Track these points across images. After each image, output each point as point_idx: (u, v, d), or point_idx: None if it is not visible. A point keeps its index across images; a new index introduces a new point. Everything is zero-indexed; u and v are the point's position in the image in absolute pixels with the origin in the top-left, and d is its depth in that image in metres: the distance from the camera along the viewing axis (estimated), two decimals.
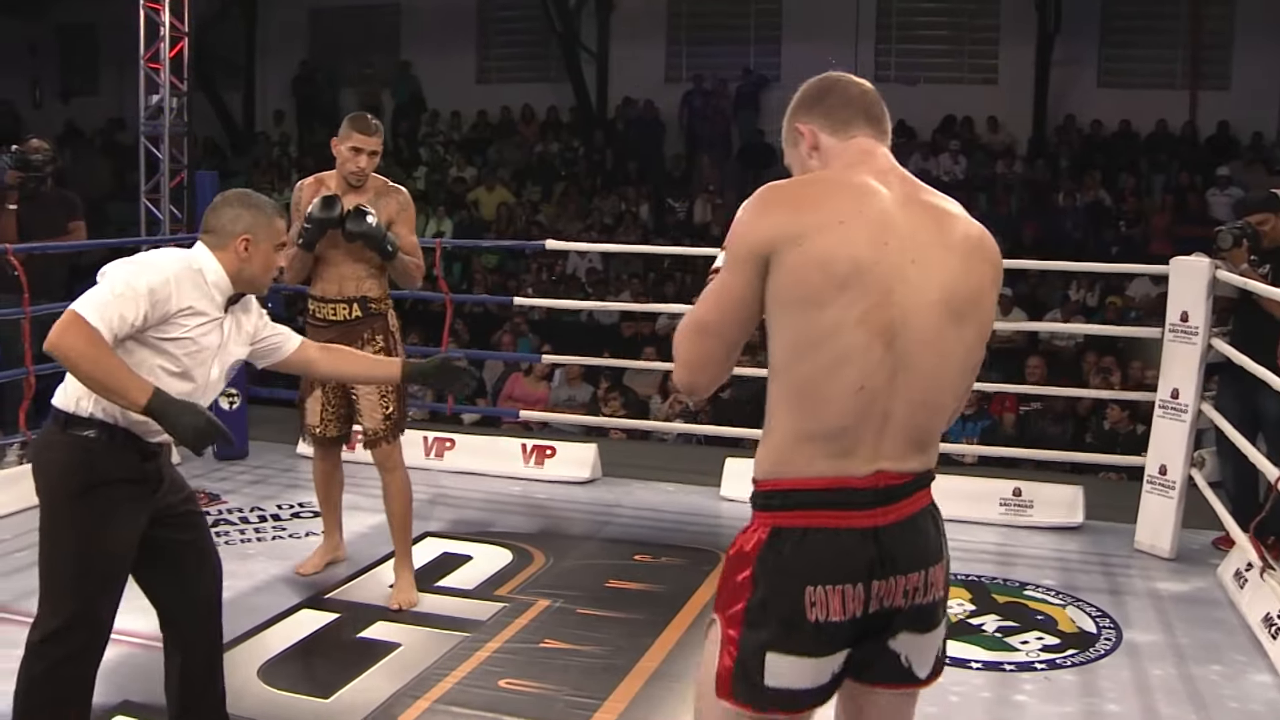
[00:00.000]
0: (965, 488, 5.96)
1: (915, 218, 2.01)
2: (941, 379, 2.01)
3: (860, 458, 1.96)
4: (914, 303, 1.95)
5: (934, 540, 2.06)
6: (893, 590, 1.98)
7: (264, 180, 15.80)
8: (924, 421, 2.01)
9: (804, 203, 1.99)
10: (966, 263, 2.03)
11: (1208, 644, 4.38)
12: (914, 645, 2.05)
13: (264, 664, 3.95)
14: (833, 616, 1.94)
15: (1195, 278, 5.31)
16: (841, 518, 1.95)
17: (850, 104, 2.14)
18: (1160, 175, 13.52)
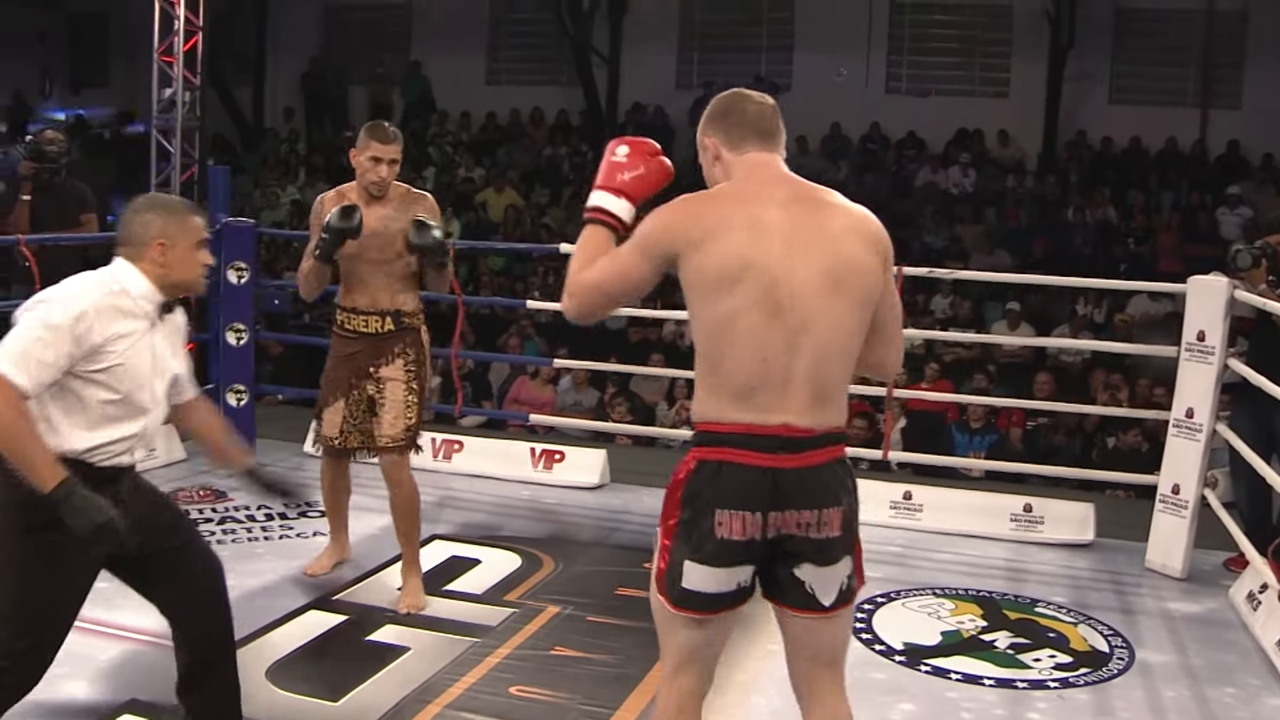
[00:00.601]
0: (976, 502, 5.96)
1: (796, 215, 2.45)
2: (832, 343, 2.43)
3: (768, 411, 2.39)
4: (799, 286, 2.39)
5: (833, 489, 2.44)
6: (786, 522, 2.40)
7: (272, 177, 15.81)
8: (822, 381, 2.42)
9: (703, 214, 2.46)
10: (842, 242, 2.45)
11: (1221, 666, 4.35)
12: (816, 576, 2.46)
13: (272, 665, 3.92)
14: (734, 536, 2.40)
15: (1213, 297, 5.28)
16: (749, 457, 2.39)
17: (745, 123, 2.58)
18: (1170, 193, 13.51)
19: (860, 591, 2.59)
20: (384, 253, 4.37)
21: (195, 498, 5.77)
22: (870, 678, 4.09)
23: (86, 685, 3.71)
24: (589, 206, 2.62)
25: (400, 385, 4.42)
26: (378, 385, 4.42)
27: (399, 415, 4.42)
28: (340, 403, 4.47)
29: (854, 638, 4.41)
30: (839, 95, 14.92)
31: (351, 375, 4.43)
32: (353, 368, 4.43)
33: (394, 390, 4.42)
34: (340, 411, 4.48)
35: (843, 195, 2.59)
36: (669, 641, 2.60)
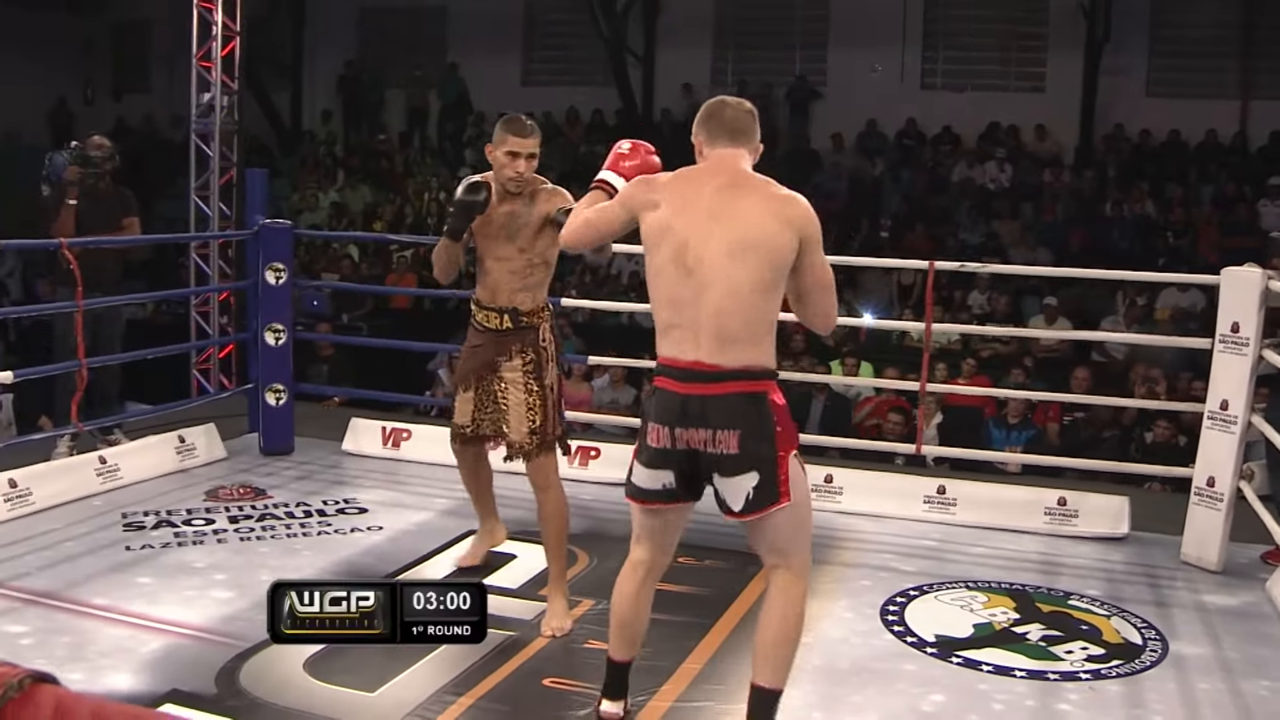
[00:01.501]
0: (1010, 496, 5.94)
1: (723, 197, 3.11)
2: (729, 297, 3.04)
3: (684, 348, 3.09)
4: (707, 249, 3.06)
5: (732, 415, 3.05)
6: (689, 437, 3.08)
7: (310, 179, 15.95)
8: (725, 327, 3.04)
9: (658, 188, 3.22)
10: (750, 218, 3.08)
11: (1257, 659, 4.32)
12: (723, 485, 3.12)
13: (310, 657, 3.96)
14: (655, 444, 3.14)
15: (1247, 288, 5.26)
16: (670, 384, 3.12)
17: (721, 125, 3.25)
18: (1209, 186, 13.38)
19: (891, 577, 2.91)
20: (509, 247, 4.29)
21: (235, 495, 5.85)
22: (901, 669, 4.10)
23: (130, 677, 3.78)
24: (596, 179, 3.58)
25: (519, 388, 4.32)
26: (501, 383, 4.36)
27: (521, 419, 4.31)
28: (470, 392, 4.44)
29: (887, 630, 4.45)
30: (874, 91, 14.90)
31: (479, 367, 4.40)
32: (480, 360, 4.40)
33: (514, 394, 4.33)
34: (470, 400, 4.45)
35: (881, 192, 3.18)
36: (633, 521, 3.42)
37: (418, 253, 13.39)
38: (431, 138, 16.93)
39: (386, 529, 5.44)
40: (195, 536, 5.21)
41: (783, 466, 3.08)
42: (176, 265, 11.64)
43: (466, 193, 4.17)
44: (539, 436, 4.32)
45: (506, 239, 4.29)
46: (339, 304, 12.49)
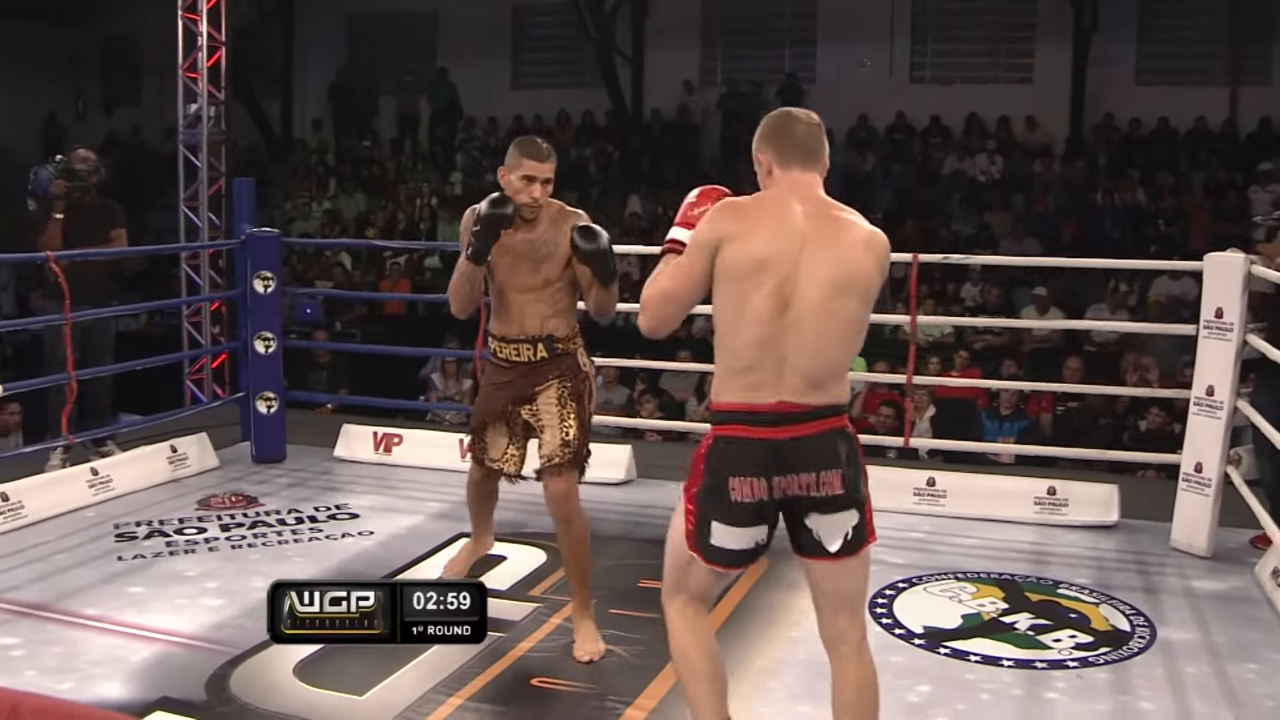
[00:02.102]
0: (1000, 486, 5.95)
1: (817, 226, 2.83)
2: (826, 335, 2.79)
3: (765, 390, 2.79)
4: (806, 284, 2.78)
5: (830, 454, 2.81)
6: (790, 484, 2.79)
7: (302, 188, 15.97)
8: (815, 366, 2.79)
9: (741, 215, 2.85)
10: (850, 253, 2.82)
11: (1244, 642, 4.34)
12: (821, 524, 2.83)
13: (300, 662, 3.98)
14: (745, 498, 2.80)
15: (1229, 273, 5.27)
16: (751, 431, 2.80)
17: (795, 146, 2.93)
18: (1200, 173, 13.39)
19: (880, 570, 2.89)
20: (534, 277, 4.02)
21: (227, 503, 5.87)
22: (889, 661, 4.10)
23: (120, 685, 3.80)
24: (667, 240, 3.04)
25: (554, 405, 4.07)
26: (533, 412, 4.10)
27: (555, 432, 4.05)
28: (502, 428, 4.17)
29: (874, 623, 4.46)
30: (864, 86, 14.90)
31: (508, 402, 4.12)
32: (508, 396, 4.12)
33: (549, 411, 4.08)
34: (505, 435, 4.18)
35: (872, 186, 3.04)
36: (686, 579, 3.01)
37: (411, 259, 13.42)
38: (423, 143, 16.95)
39: (378, 534, 5.46)
40: (187, 545, 5.22)
41: (869, 504, 2.90)
42: (170, 276, 11.67)
43: (493, 206, 3.87)
44: (570, 450, 4.05)
45: (530, 269, 4.02)
46: (332, 311, 12.51)
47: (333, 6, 17.30)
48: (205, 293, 8.73)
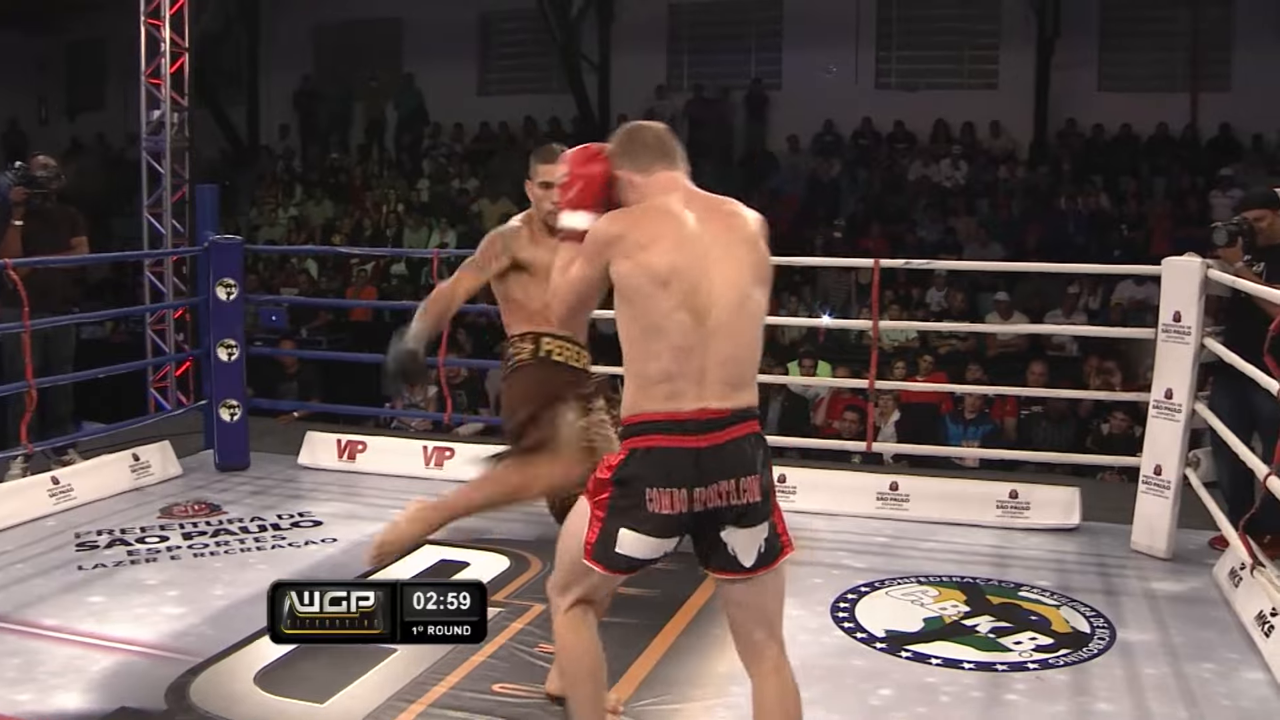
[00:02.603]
0: (963, 490, 5.99)
1: (712, 226, 2.79)
2: (745, 337, 2.76)
3: (687, 398, 2.70)
4: (719, 287, 2.72)
5: (749, 458, 2.74)
6: (710, 495, 2.70)
7: (269, 195, 15.89)
8: (735, 370, 2.74)
9: (633, 227, 2.77)
10: (753, 246, 2.81)
11: (1201, 642, 4.39)
12: (737, 538, 2.75)
13: (261, 670, 3.97)
14: (663, 510, 2.71)
15: (1187, 278, 5.32)
16: (672, 440, 2.70)
17: (648, 149, 2.88)
18: (1161, 178, 13.51)
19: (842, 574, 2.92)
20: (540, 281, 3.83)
21: (190, 512, 5.84)
22: (850, 665, 4.13)
23: (78, 696, 3.77)
24: (559, 230, 2.99)
25: (608, 422, 3.89)
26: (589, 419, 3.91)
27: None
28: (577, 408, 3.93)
29: (836, 626, 4.49)
30: (829, 92, 14.98)
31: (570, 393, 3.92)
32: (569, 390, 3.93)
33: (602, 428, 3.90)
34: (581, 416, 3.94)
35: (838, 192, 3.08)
36: (579, 583, 2.94)
37: (377, 265, 13.38)
38: (389, 150, 16.90)
39: (341, 541, 5.45)
40: (148, 554, 5.19)
41: (779, 513, 2.84)
42: (135, 284, 11.61)
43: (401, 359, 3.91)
44: None
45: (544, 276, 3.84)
46: (298, 319, 12.45)
47: (298, 13, 17.25)
48: (169, 300, 8.68)
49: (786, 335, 10.91)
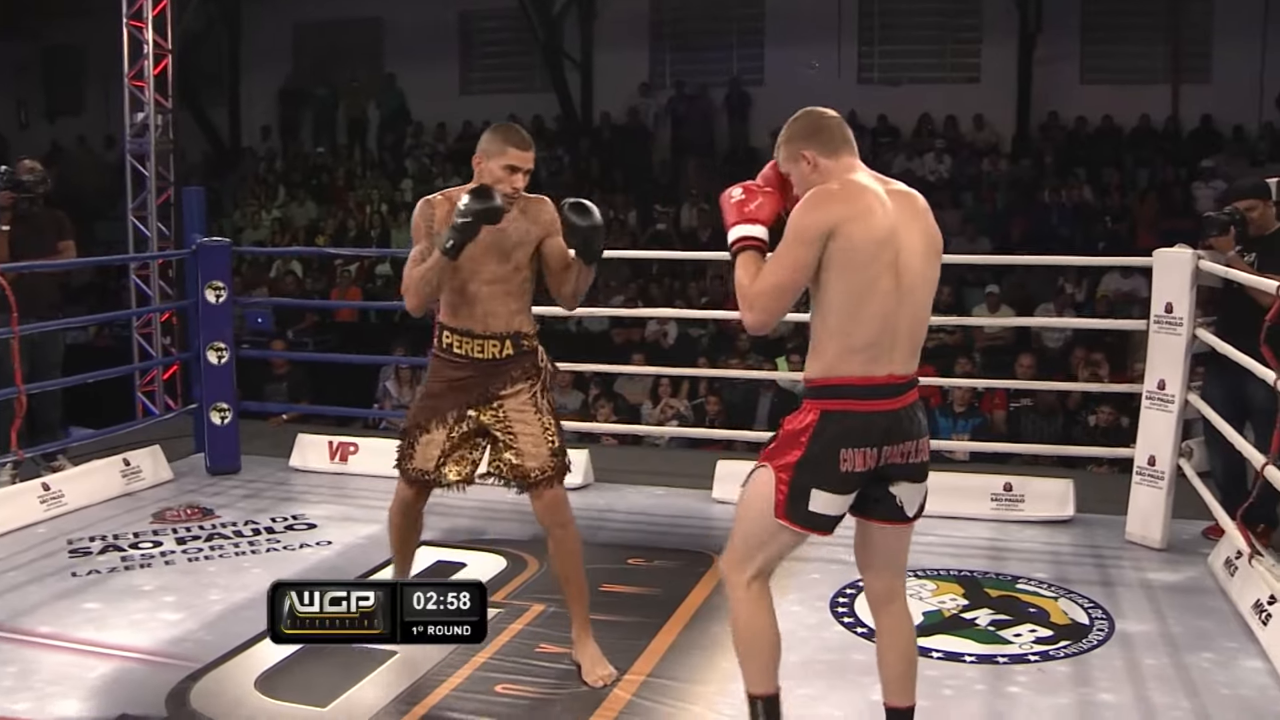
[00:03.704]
0: (957, 483, 5.96)
1: (898, 202, 2.99)
2: (926, 302, 3.02)
3: (880, 364, 2.92)
4: (910, 256, 2.94)
5: (920, 421, 3.04)
6: (894, 453, 2.96)
7: (251, 197, 15.83)
8: (918, 335, 3.01)
9: (845, 202, 2.92)
10: (928, 220, 3.04)
11: (1199, 632, 4.40)
12: (907, 492, 3.04)
13: (261, 674, 3.94)
14: (856, 468, 2.93)
15: (1179, 269, 5.34)
16: (868, 404, 2.93)
17: (836, 136, 3.06)
18: (1144, 170, 13.57)
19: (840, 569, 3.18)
20: (502, 267, 3.82)
21: (182, 516, 5.80)
22: (851, 659, 4.13)
23: (78, 703, 3.73)
24: (735, 238, 3.08)
25: (530, 410, 3.86)
26: (497, 414, 3.87)
27: (539, 441, 3.85)
28: (440, 432, 3.90)
29: (836, 621, 4.49)
30: (812, 87, 14.90)
31: (462, 403, 3.87)
32: (463, 396, 3.87)
33: (524, 417, 3.86)
34: (439, 444, 3.91)
35: None
36: (763, 550, 3.08)
37: (361, 266, 13.34)
38: (372, 150, 16.85)
39: (335, 543, 5.42)
40: (143, 559, 5.16)
41: None
42: (119, 288, 11.55)
43: (479, 200, 3.61)
44: (560, 458, 3.90)
45: (499, 259, 3.80)
46: (284, 320, 12.42)
47: (279, 13, 17.18)
48: (155, 303, 8.64)
49: (775, 330, 10.90)
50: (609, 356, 10.06)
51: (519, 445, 3.85)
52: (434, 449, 3.91)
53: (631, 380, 9.93)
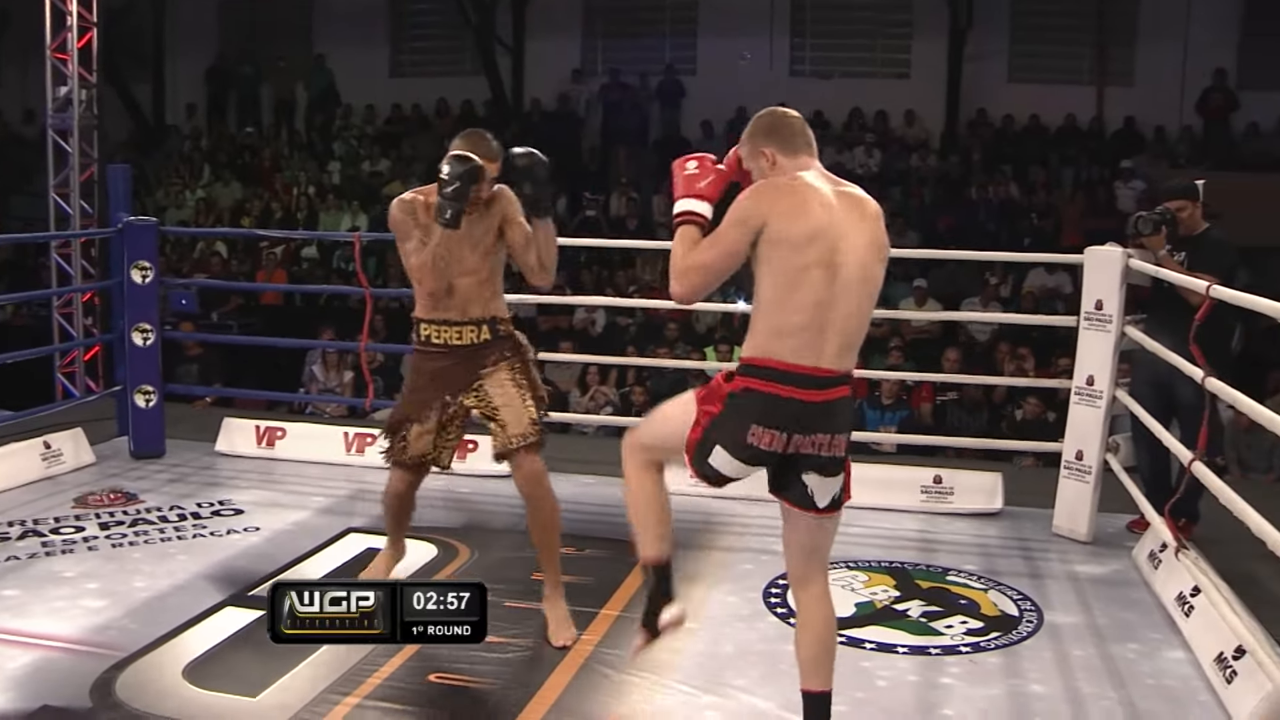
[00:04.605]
0: (887, 475, 6.02)
1: (844, 202, 3.09)
2: (864, 303, 3.07)
3: (808, 354, 3.01)
4: (847, 254, 3.03)
5: (841, 418, 3.10)
6: (805, 442, 3.04)
7: (176, 176, 15.52)
8: (852, 331, 3.06)
9: (786, 194, 3.06)
10: (876, 224, 3.13)
11: (1125, 623, 4.48)
12: (817, 483, 3.11)
13: (189, 664, 3.88)
14: (762, 446, 3.04)
15: (1109, 267, 5.42)
16: (786, 390, 3.01)
17: (796, 134, 3.19)
18: (1069, 169, 13.77)
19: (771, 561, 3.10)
20: (474, 258, 4.00)
21: (105, 501, 5.68)
22: (785, 650, 4.07)
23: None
24: (679, 212, 3.22)
25: (509, 385, 4.05)
26: (479, 396, 4.06)
27: (519, 412, 4.02)
28: (432, 421, 4.10)
29: (770, 612, 4.51)
30: (743, 79, 15.00)
31: (444, 392, 4.07)
32: (445, 384, 4.07)
33: (504, 391, 4.05)
34: (431, 432, 4.12)
35: None
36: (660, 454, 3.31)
37: (288, 248, 13.14)
38: (299, 131, 16.59)
39: (264, 529, 5.34)
40: (64, 545, 5.04)
41: (849, 466, 3.19)
42: (38, 266, 11.28)
43: (460, 164, 3.78)
44: (539, 427, 4.05)
45: (471, 249, 3.99)
46: (207, 302, 12.19)
47: None
48: (77, 283, 8.44)
49: (702, 321, 10.92)
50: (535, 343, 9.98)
51: (501, 417, 4.02)
52: (427, 437, 4.14)
53: (559, 368, 9.89)
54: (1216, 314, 4.38)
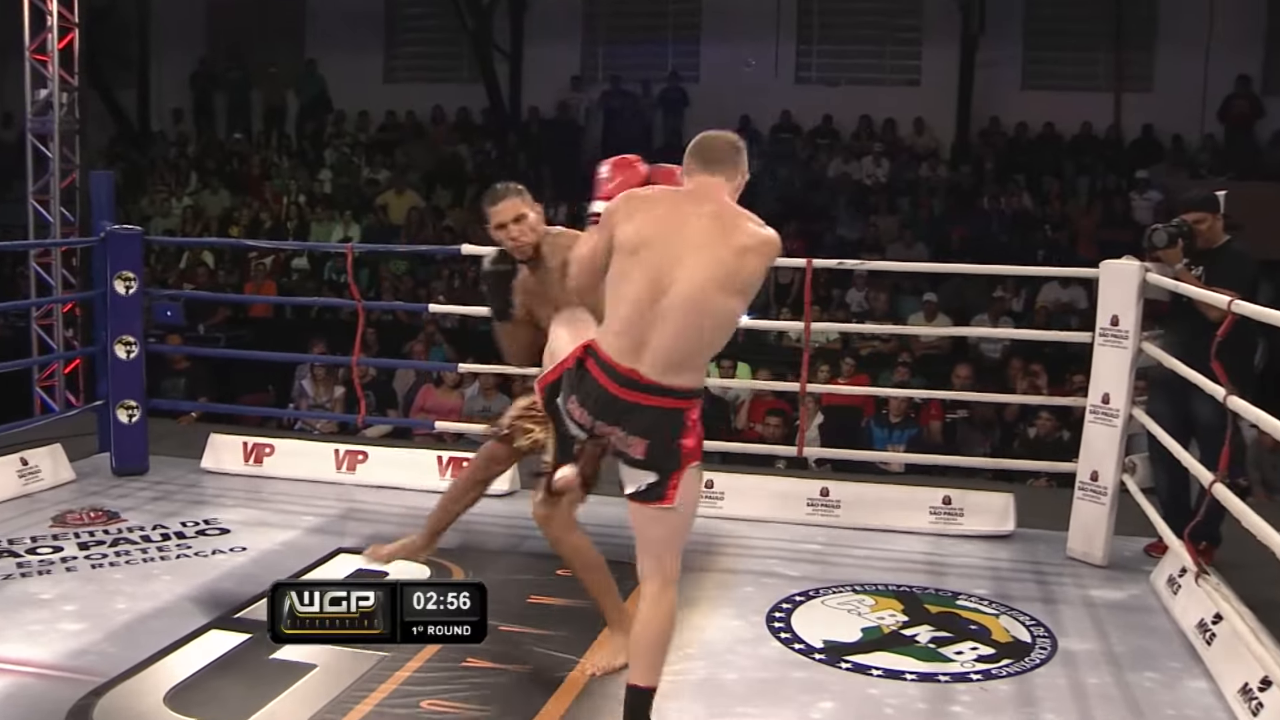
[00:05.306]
0: (895, 496, 5.91)
1: (706, 226, 3.16)
2: (690, 332, 3.12)
3: (625, 356, 3.14)
4: (685, 280, 3.10)
5: (649, 425, 3.16)
6: (605, 429, 3.21)
7: (161, 183, 15.32)
8: (674, 357, 3.12)
9: (640, 203, 3.25)
10: (738, 256, 3.13)
11: (1143, 651, 4.33)
12: (624, 470, 3.27)
13: (171, 689, 3.74)
14: (574, 416, 3.27)
15: (1125, 281, 5.26)
16: (600, 376, 3.18)
17: (699, 152, 3.31)
18: (1085, 178, 13.57)
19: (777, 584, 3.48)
20: (547, 309, 3.91)
21: (85, 520, 5.53)
22: (790, 677, 4.01)
23: None
24: (589, 214, 3.50)
25: None
26: None
27: None
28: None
29: (774, 637, 4.38)
30: (748, 86, 14.82)
31: None
32: None
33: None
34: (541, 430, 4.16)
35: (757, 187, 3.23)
36: None
37: (278, 259, 12.95)
38: (290, 138, 16.40)
39: (250, 550, 5.20)
40: (41, 566, 4.88)
41: (676, 477, 3.20)
42: (16, 275, 11.10)
43: (492, 264, 4.05)
44: None
45: (543, 302, 3.97)
46: (194, 314, 11.98)
47: None
48: (58, 293, 8.26)
49: None
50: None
51: None
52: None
53: None
54: (1238, 329, 4.24)
